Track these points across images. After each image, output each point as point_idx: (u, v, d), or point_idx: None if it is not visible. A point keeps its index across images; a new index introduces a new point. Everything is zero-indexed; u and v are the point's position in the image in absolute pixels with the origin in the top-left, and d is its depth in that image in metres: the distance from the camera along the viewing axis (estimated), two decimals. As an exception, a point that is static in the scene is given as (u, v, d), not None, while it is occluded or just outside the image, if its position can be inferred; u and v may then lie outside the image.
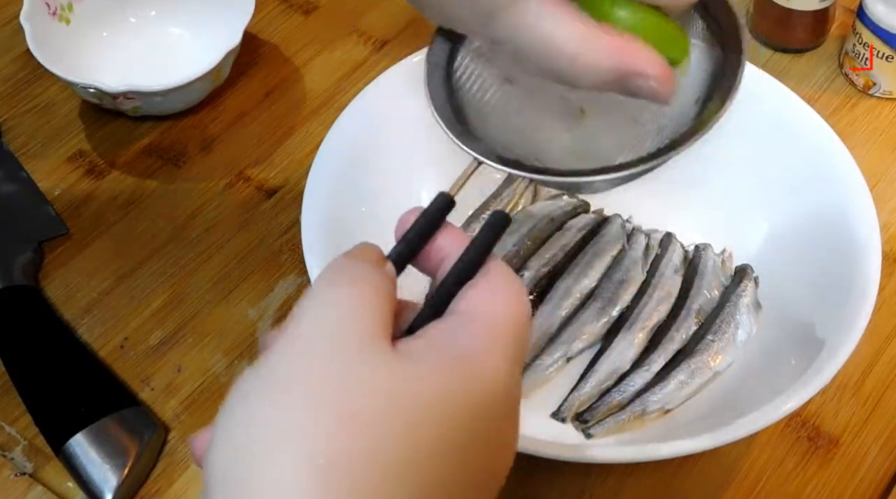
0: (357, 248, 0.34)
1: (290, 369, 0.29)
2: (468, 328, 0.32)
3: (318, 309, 0.31)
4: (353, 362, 0.29)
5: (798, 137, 0.60)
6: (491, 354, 0.31)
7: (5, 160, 0.70)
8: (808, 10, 0.73)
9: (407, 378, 0.29)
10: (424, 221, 0.36)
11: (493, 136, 0.42)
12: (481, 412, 0.30)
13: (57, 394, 0.57)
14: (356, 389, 0.29)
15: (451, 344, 0.31)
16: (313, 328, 0.30)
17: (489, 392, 0.31)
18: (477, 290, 0.33)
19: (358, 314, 0.31)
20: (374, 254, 0.34)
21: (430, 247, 0.35)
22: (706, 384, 0.56)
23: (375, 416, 0.28)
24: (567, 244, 0.62)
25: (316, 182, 0.57)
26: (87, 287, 0.64)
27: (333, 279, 0.32)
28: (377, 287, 0.32)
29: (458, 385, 0.30)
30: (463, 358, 0.31)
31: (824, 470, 0.56)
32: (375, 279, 0.32)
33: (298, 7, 0.80)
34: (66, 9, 0.72)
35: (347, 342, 0.30)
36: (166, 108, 0.71)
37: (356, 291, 0.31)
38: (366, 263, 0.33)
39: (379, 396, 0.29)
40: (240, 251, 0.66)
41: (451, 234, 0.36)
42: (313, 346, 0.30)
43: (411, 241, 0.35)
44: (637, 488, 0.55)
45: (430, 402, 0.29)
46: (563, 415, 0.56)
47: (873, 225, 0.55)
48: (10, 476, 0.56)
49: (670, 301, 0.60)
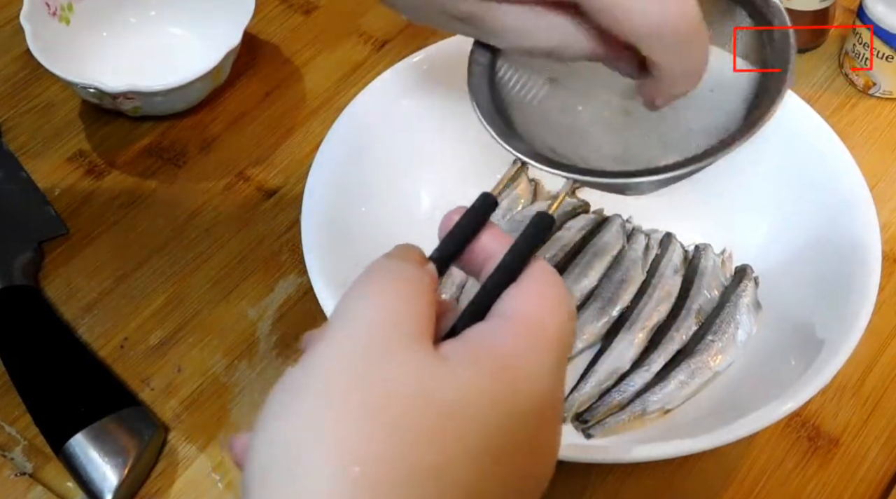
0: (398, 248, 0.34)
1: (330, 371, 0.29)
2: (511, 331, 0.31)
3: (358, 310, 0.30)
4: (393, 363, 0.29)
5: (798, 137, 0.60)
6: (533, 356, 0.31)
7: (5, 160, 0.70)
8: (808, 10, 0.73)
9: (446, 380, 0.29)
10: (468, 221, 0.35)
11: (537, 136, 0.41)
12: (522, 416, 0.30)
13: (57, 394, 0.57)
14: (394, 391, 0.28)
15: (493, 346, 0.31)
16: (353, 329, 0.30)
17: (530, 395, 0.30)
18: (520, 292, 0.33)
19: (399, 315, 0.30)
20: (416, 254, 0.34)
21: (473, 247, 0.35)
22: (706, 384, 0.56)
23: (413, 419, 0.28)
24: (567, 244, 0.62)
25: (316, 182, 0.57)
26: (87, 287, 0.64)
27: (374, 279, 0.32)
28: (418, 288, 0.31)
29: (499, 388, 0.30)
30: (504, 360, 0.30)
31: (824, 470, 0.56)
32: (417, 280, 0.32)
33: (298, 7, 0.80)
34: (66, 9, 0.72)
35: (388, 344, 0.29)
36: (166, 108, 0.71)
37: (397, 292, 0.31)
38: (407, 263, 0.32)
39: (418, 398, 0.28)
40: (240, 251, 0.66)
41: (495, 234, 0.35)
42: (353, 346, 0.29)
43: (454, 240, 0.35)
44: (637, 488, 0.55)
45: (471, 405, 0.29)
46: (563, 415, 0.56)
47: (873, 225, 0.55)
48: (10, 476, 0.56)
49: (670, 301, 0.60)
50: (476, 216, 0.35)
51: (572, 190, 0.64)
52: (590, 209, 0.65)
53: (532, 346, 0.31)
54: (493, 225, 0.35)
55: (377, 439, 0.27)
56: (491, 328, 0.32)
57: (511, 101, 0.42)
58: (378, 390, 0.28)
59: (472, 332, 0.32)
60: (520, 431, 0.30)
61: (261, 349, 0.61)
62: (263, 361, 0.60)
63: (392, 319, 0.30)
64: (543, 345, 0.31)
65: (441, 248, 0.35)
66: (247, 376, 0.60)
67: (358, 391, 0.28)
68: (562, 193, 0.38)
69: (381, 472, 0.27)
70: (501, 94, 0.42)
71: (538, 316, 0.32)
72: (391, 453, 0.27)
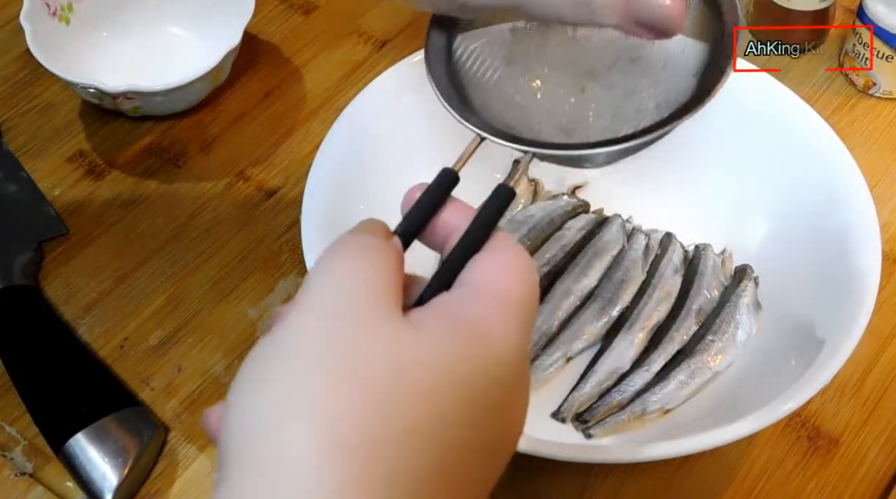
0: (362, 223, 0.35)
1: (302, 338, 0.29)
2: (477, 298, 0.32)
3: (327, 279, 0.31)
4: (365, 330, 0.29)
5: (798, 137, 0.60)
6: (500, 321, 0.31)
7: (5, 160, 0.70)
8: (808, 10, 0.73)
9: (418, 345, 0.30)
10: (429, 196, 0.36)
11: (495, 114, 0.42)
12: (491, 380, 0.30)
13: (57, 394, 0.57)
14: (368, 356, 0.29)
15: (461, 313, 0.31)
16: (324, 297, 0.30)
17: (499, 359, 0.31)
18: (484, 261, 0.33)
19: (368, 284, 0.31)
20: (380, 228, 0.34)
21: (436, 221, 0.35)
22: (706, 384, 0.56)
23: (387, 383, 0.28)
24: (567, 244, 0.62)
25: (316, 182, 0.57)
26: (87, 287, 0.64)
27: (341, 252, 0.32)
28: (385, 259, 0.32)
29: (469, 352, 0.30)
30: (472, 326, 0.31)
31: (824, 470, 0.56)
32: (382, 251, 0.32)
33: (298, 7, 0.80)
34: (66, 9, 0.72)
35: (358, 310, 0.30)
36: (166, 108, 0.71)
37: (364, 261, 0.32)
38: (372, 236, 0.33)
39: (391, 363, 0.29)
40: (240, 251, 0.66)
41: (456, 208, 0.36)
42: (324, 314, 0.30)
43: (417, 215, 0.35)
44: (637, 488, 0.55)
45: (442, 369, 0.29)
46: (563, 415, 0.56)
47: (873, 225, 0.55)
48: (10, 476, 0.56)
49: (670, 301, 0.60)
50: (438, 192, 0.36)
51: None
52: (590, 209, 0.65)
53: (499, 312, 0.32)
54: (454, 199, 0.36)
55: (353, 404, 0.28)
56: (458, 296, 0.32)
57: (469, 81, 0.43)
58: (351, 357, 0.29)
59: (440, 300, 0.32)
60: (489, 394, 0.30)
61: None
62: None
63: (361, 289, 0.31)
64: (510, 311, 0.32)
65: (404, 223, 0.35)
66: (247, 375, 0.60)
67: (331, 359, 0.29)
68: (522, 166, 0.39)
69: (358, 436, 0.27)
70: (459, 74, 0.43)
71: (503, 283, 0.32)
72: (368, 418, 0.28)
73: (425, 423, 0.29)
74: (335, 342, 0.29)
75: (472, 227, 0.34)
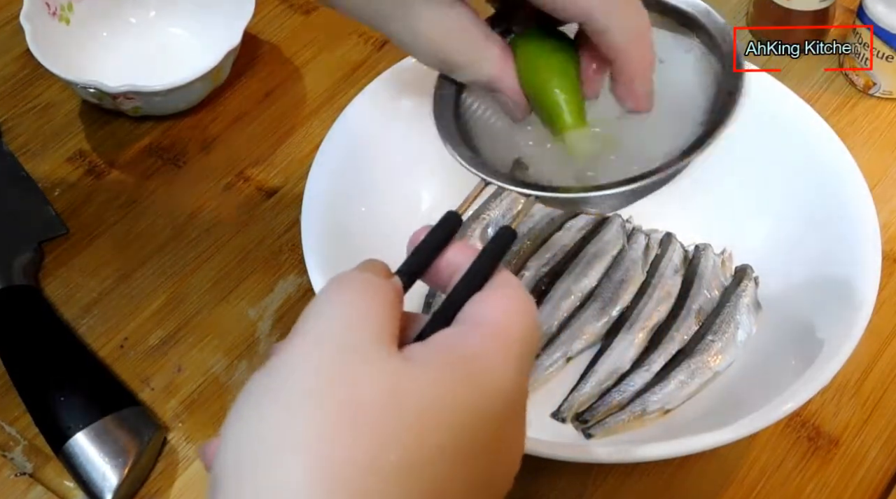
0: (364, 263, 0.35)
1: (297, 373, 0.30)
2: (476, 334, 0.32)
3: (324, 316, 0.31)
4: (359, 364, 0.30)
5: (798, 137, 0.60)
6: (499, 357, 0.32)
7: (5, 160, 0.70)
8: (808, 10, 0.73)
9: (412, 381, 0.30)
10: (433, 237, 0.36)
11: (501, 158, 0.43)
12: (487, 416, 0.30)
13: (57, 394, 0.57)
14: (362, 391, 0.29)
15: (458, 349, 0.31)
16: (319, 333, 0.31)
17: (495, 395, 0.31)
18: (485, 298, 0.34)
19: (364, 319, 0.31)
20: (380, 268, 0.35)
21: (439, 261, 0.36)
22: (706, 384, 0.56)
23: (382, 418, 0.29)
24: (567, 244, 0.62)
25: (316, 182, 0.57)
26: (87, 287, 0.64)
27: (339, 289, 0.32)
28: (383, 296, 0.32)
29: (466, 388, 0.30)
30: (468, 362, 0.31)
31: (824, 470, 0.56)
32: (381, 289, 0.33)
33: (298, 7, 0.80)
34: (66, 9, 0.72)
35: (353, 346, 0.30)
36: (166, 108, 0.71)
37: (362, 299, 0.32)
38: (371, 276, 0.33)
39: (385, 397, 0.29)
40: (240, 251, 0.66)
41: (460, 248, 0.36)
42: (319, 350, 0.30)
43: (421, 255, 0.36)
44: (637, 488, 0.55)
45: (437, 404, 0.29)
46: (563, 415, 0.56)
47: (873, 225, 0.55)
48: (10, 476, 0.56)
49: (670, 301, 0.60)
50: (442, 232, 0.37)
51: None
52: (590, 209, 0.65)
53: (497, 348, 0.32)
54: (458, 240, 0.37)
55: (347, 438, 0.28)
56: (456, 333, 0.33)
57: (474, 127, 0.45)
58: (345, 392, 0.29)
59: (439, 336, 0.33)
60: (484, 431, 0.30)
61: (261, 349, 0.61)
62: (263, 362, 0.60)
63: (356, 324, 0.31)
64: (508, 348, 0.32)
65: (408, 262, 0.36)
66: (247, 376, 0.60)
67: (326, 393, 0.29)
68: (524, 209, 0.40)
69: (352, 470, 0.28)
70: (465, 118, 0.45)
71: (503, 320, 0.33)
72: (362, 452, 0.28)
73: (420, 457, 0.29)
74: (330, 376, 0.29)
75: (473, 266, 0.35)
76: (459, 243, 0.36)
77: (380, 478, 0.28)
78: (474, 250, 0.36)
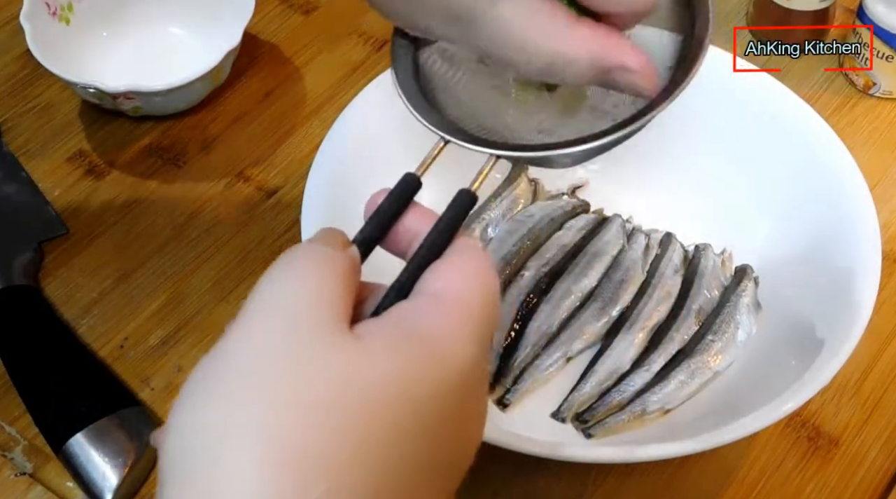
0: (320, 232, 0.34)
1: (244, 358, 0.29)
2: (433, 307, 0.31)
3: (273, 295, 0.30)
4: (307, 349, 0.29)
5: (798, 137, 0.60)
6: (455, 331, 0.31)
7: (5, 160, 0.70)
8: (808, 10, 0.73)
9: (364, 361, 0.29)
10: (390, 202, 0.35)
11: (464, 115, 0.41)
12: (446, 392, 0.30)
13: (57, 394, 0.57)
14: (311, 376, 0.28)
15: (414, 324, 0.31)
16: (265, 312, 0.30)
17: (452, 371, 0.30)
18: (443, 268, 0.33)
19: (315, 299, 0.30)
20: (337, 238, 0.34)
21: (397, 228, 0.35)
22: (706, 384, 0.56)
23: (331, 402, 0.28)
24: (567, 244, 0.62)
25: (316, 182, 0.57)
26: (87, 287, 0.64)
27: (291, 263, 0.31)
28: (337, 270, 0.31)
29: (420, 364, 0.29)
30: (425, 338, 0.30)
31: (824, 470, 0.56)
32: (335, 262, 0.31)
33: (298, 7, 0.80)
34: (66, 9, 0.72)
35: (301, 329, 0.29)
36: (166, 108, 0.71)
37: (313, 275, 0.31)
38: (326, 247, 0.32)
39: (334, 381, 0.28)
40: (240, 251, 0.66)
41: (418, 213, 0.35)
42: (264, 329, 0.29)
43: (378, 222, 0.35)
44: (637, 488, 0.55)
45: (389, 384, 0.29)
46: (563, 415, 0.56)
47: (873, 225, 0.55)
48: (10, 476, 0.56)
49: (670, 301, 0.60)
50: (400, 197, 0.35)
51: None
52: (590, 209, 0.65)
53: (455, 322, 0.31)
54: (416, 204, 0.35)
55: (296, 423, 0.27)
56: (413, 306, 0.32)
57: (436, 82, 0.42)
58: (294, 375, 0.28)
59: (394, 310, 0.31)
60: (442, 407, 0.30)
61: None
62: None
63: (307, 304, 0.30)
64: (467, 320, 0.31)
65: (364, 230, 0.35)
66: (247, 375, 0.60)
67: (273, 375, 0.28)
68: (485, 169, 0.37)
69: (302, 451, 0.27)
70: (427, 74, 0.42)
71: (461, 292, 0.32)
72: (311, 436, 0.27)
73: (375, 437, 0.28)
74: (274, 357, 0.28)
75: (432, 232, 0.34)
76: (417, 208, 0.35)
77: (333, 458, 0.27)
78: (433, 215, 0.35)
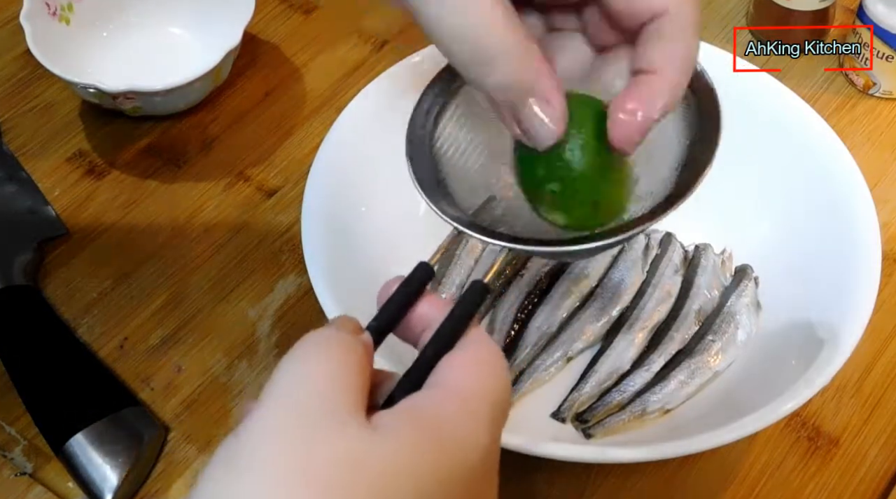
0: (334, 319, 0.35)
1: (261, 445, 0.30)
2: (445, 400, 0.32)
3: (291, 382, 0.31)
4: (326, 436, 0.30)
5: (798, 137, 0.60)
6: (469, 425, 0.32)
7: (5, 160, 0.70)
8: (808, 10, 0.73)
9: (378, 451, 0.30)
10: (405, 290, 0.36)
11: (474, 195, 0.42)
12: (455, 481, 0.30)
13: (57, 394, 0.57)
14: (327, 463, 0.29)
15: (427, 416, 0.31)
16: (286, 401, 0.31)
17: (465, 464, 0.31)
18: (456, 360, 0.34)
19: (332, 386, 0.31)
20: (351, 324, 0.35)
21: (411, 315, 0.36)
22: (706, 384, 0.56)
23: (344, 487, 0.28)
24: (567, 244, 0.62)
25: (316, 182, 0.57)
26: (87, 287, 0.64)
27: (307, 350, 0.32)
28: (352, 357, 0.32)
29: (431, 457, 0.30)
30: (437, 430, 0.31)
31: (824, 470, 0.56)
32: (350, 348, 0.32)
33: (298, 7, 0.80)
34: (66, 9, 0.72)
35: (320, 416, 0.30)
36: (166, 108, 0.71)
37: (329, 363, 0.32)
38: (341, 333, 0.33)
39: (349, 470, 0.29)
40: (240, 251, 0.66)
41: (431, 302, 0.36)
42: (286, 419, 0.30)
43: (392, 309, 0.36)
44: (637, 488, 0.55)
45: (402, 472, 0.29)
46: (563, 415, 0.56)
47: (873, 225, 0.55)
48: (10, 476, 0.56)
49: (670, 301, 0.60)
50: (413, 285, 0.36)
51: None
52: (590, 209, 0.65)
53: (466, 414, 0.32)
54: (430, 293, 0.36)
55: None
56: (425, 398, 0.33)
57: (450, 171, 0.43)
58: (309, 462, 0.29)
59: (407, 402, 0.32)
60: (454, 496, 0.30)
61: (261, 349, 0.61)
62: (263, 362, 0.60)
63: (324, 392, 0.31)
64: (478, 413, 0.32)
65: (378, 317, 0.36)
66: (247, 375, 0.60)
67: (280, 460, 0.29)
68: (498, 262, 0.39)
69: None
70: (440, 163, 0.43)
71: (473, 384, 0.33)
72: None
73: None
74: (286, 443, 0.29)
75: (445, 323, 0.35)
76: (431, 297, 0.36)
77: None
78: (446, 304, 0.36)
